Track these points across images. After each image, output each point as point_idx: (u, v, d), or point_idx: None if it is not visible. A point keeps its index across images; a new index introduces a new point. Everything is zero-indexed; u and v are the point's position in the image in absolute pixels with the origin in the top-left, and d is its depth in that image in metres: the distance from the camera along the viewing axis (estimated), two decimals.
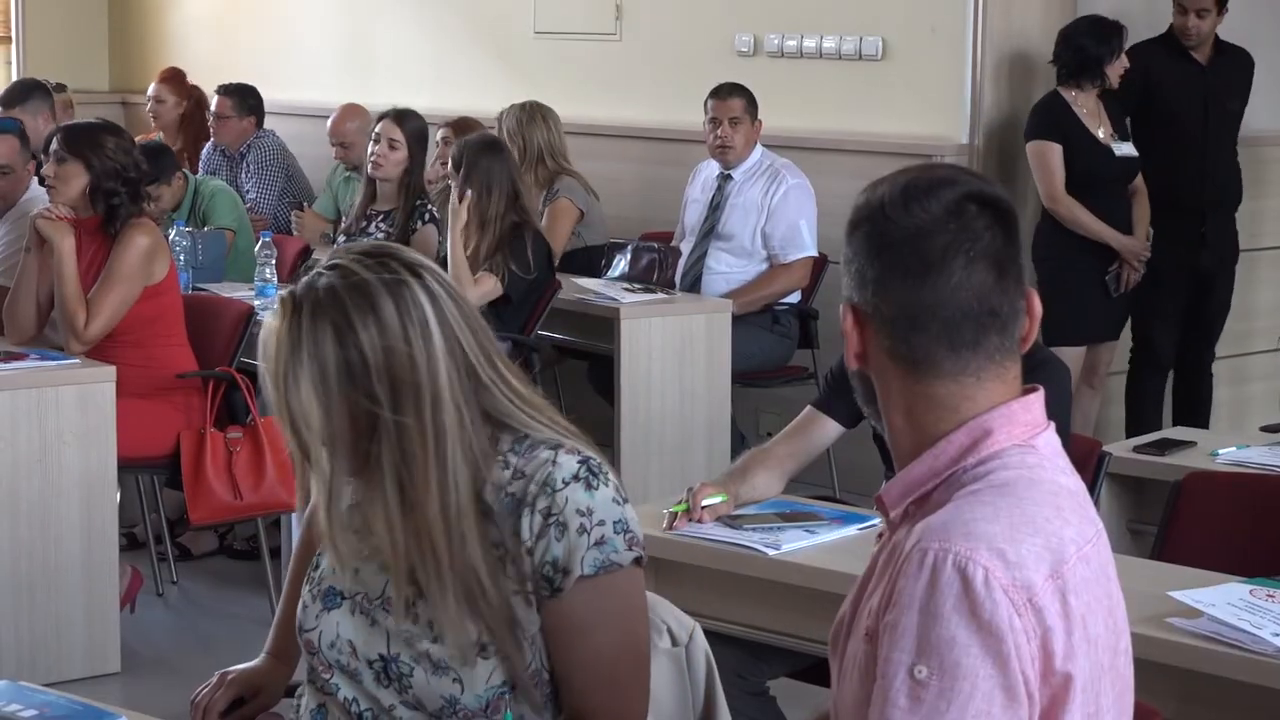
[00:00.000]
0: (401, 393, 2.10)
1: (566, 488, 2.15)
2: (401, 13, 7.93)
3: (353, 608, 2.22)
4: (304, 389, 2.07)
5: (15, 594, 4.46)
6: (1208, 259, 6.05)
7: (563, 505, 2.14)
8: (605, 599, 2.17)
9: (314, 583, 2.26)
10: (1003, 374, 1.84)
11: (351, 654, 2.20)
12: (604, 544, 2.15)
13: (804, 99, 6.47)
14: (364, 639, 2.20)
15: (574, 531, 2.14)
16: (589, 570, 2.14)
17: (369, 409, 2.09)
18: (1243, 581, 2.87)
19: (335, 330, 2.07)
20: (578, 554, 2.14)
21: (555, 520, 2.14)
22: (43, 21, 8.99)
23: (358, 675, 2.20)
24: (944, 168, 1.90)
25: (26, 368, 4.60)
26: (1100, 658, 1.76)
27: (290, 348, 2.08)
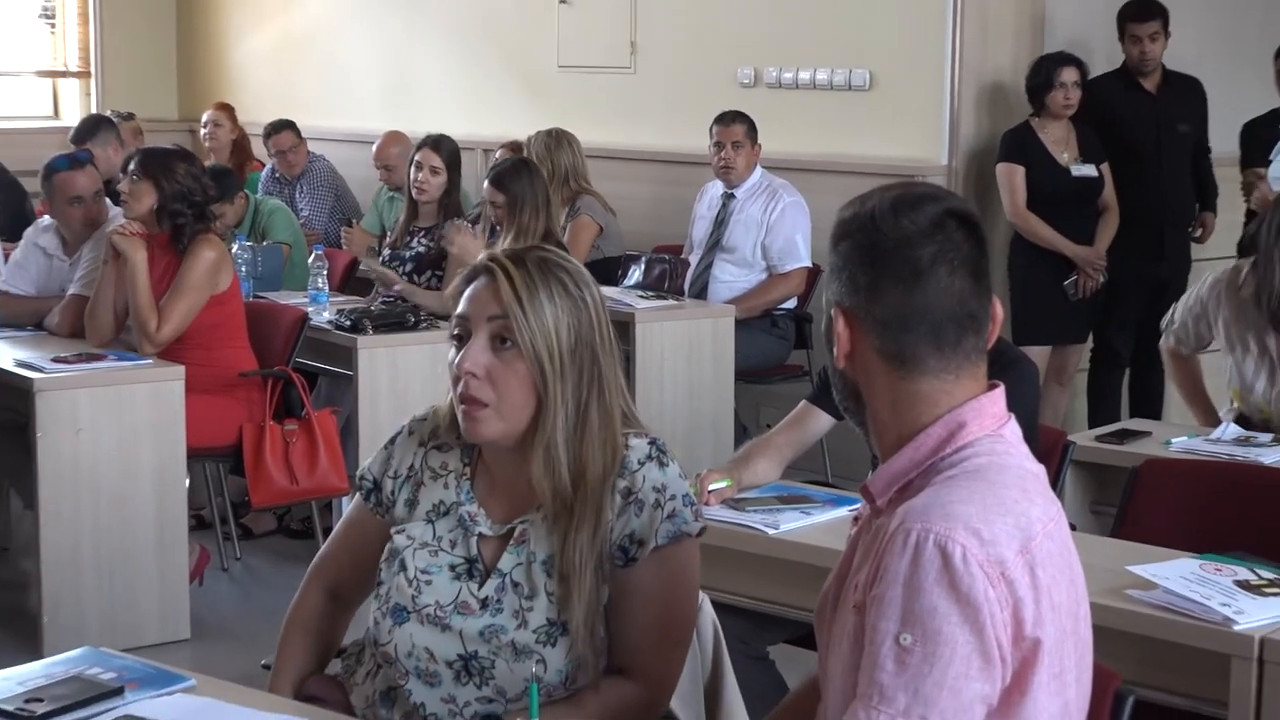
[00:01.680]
0: (603, 348, 2.17)
1: (642, 468, 2.17)
2: (439, 48, 7.94)
3: (420, 619, 2.20)
4: (548, 313, 2.12)
5: (96, 570, 4.48)
6: (1163, 270, 6.06)
7: (640, 484, 2.16)
8: (669, 567, 2.18)
9: (382, 599, 2.24)
10: (976, 371, 1.84)
11: (430, 659, 2.19)
12: (675, 516, 2.17)
13: (799, 125, 6.47)
14: (439, 644, 2.19)
15: (650, 506, 2.15)
16: (662, 540, 2.16)
17: (590, 343, 2.16)
18: (1193, 557, 2.87)
19: (567, 281, 2.16)
20: (653, 527, 2.15)
21: (634, 498, 2.16)
22: (118, 58, 9.01)
23: (436, 677, 2.19)
24: (924, 186, 1.91)
25: (105, 367, 4.61)
26: (1064, 624, 1.77)
27: (529, 285, 2.13)
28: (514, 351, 2.13)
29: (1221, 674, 2.58)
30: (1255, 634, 2.57)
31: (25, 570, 4.91)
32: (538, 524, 2.19)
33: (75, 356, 4.66)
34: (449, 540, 2.23)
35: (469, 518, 2.23)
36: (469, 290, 2.18)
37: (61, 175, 5.22)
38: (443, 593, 2.20)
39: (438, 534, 2.24)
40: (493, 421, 2.14)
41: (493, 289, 2.14)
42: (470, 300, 2.17)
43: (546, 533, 2.18)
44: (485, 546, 2.22)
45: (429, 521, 2.25)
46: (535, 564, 2.18)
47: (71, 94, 9.05)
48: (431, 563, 2.22)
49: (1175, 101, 6.08)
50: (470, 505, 2.23)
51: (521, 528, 2.20)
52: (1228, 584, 2.71)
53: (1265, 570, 2.79)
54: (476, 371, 2.12)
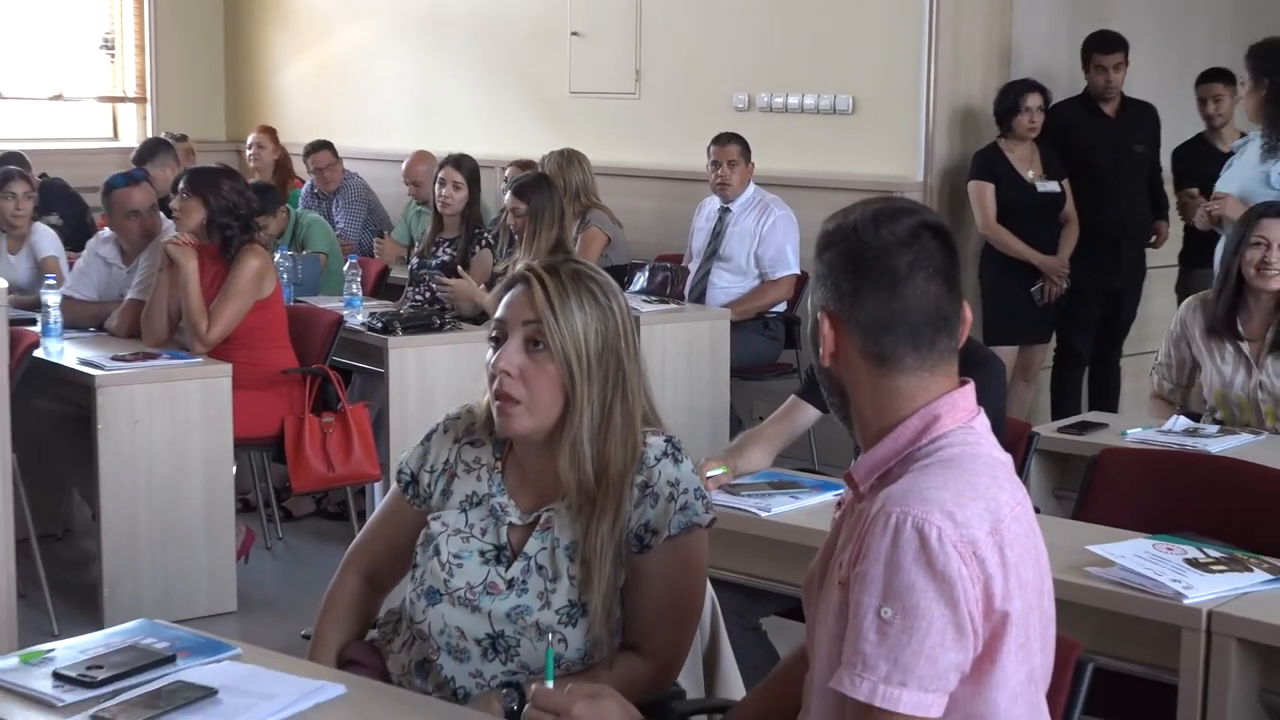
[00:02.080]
0: (628, 354, 2.17)
1: (659, 463, 2.17)
2: (461, 75, 7.95)
3: (452, 601, 2.20)
4: (578, 320, 2.12)
5: (150, 548, 4.49)
6: (1120, 279, 6.06)
7: (656, 478, 2.16)
8: (680, 554, 2.18)
9: (417, 581, 2.24)
10: (948, 369, 1.84)
11: (460, 637, 2.19)
12: (688, 508, 2.17)
13: (789, 145, 6.47)
14: (469, 624, 2.19)
15: (664, 499, 2.15)
16: (674, 530, 2.15)
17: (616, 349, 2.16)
18: (1147, 537, 2.87)
19: (596, 291, 2.16)
20: (667, 518, 2.15)
21: (651, 491, 2.15)
22: (172, 84, 9.02)
23: (466, 654, 2.19)
24: (902, 200, 1.91)
25: (160, 365, 4.61)
26: (1030, 598, 1.77)
27: (561, 294, 2.13)
28: (545, 354, 2.13)
29: (1173, 644, 2.58)
30: (1203, 607, 2.57)
31: (87, 549, 4.92)
32: (562, 513, 2.19)
33: (133, 355, 4.67)
34: (480, 528, 2.23)
35: (500, 508, 2.22)
36: (507, 296, 2.19)
37: (120, 191, 5.24)
38: (473, 575, 2.20)
39: (470, 522, 2.24)
40: (524, 417, 2.14)
41: (528, 296, 2.15)
42: (508, 305, 2.17)
43: (570, 521, 2.18)
44: (513, 533, 2.22)
45: (462, 510, 2.25)
46: (559, 549, 2.18)
47: (129, 118, 9.06)
48: (463, 548, 2.22)
49: (1132, 125, 6.08)
50: (501, 496, 2.23)
51: (547, 515, 2.20)
52: (1178, 562, 2.71)
53: (1212, 549, 2.79)
54: (510, 371, 2.13)
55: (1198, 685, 2.56)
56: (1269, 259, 3.80)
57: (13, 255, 5.80)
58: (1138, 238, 6.11)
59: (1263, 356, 3.86)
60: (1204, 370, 3.98)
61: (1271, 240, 3.81)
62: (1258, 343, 3.88)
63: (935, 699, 1.70)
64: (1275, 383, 3.85)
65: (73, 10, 8.81)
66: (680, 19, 6.92)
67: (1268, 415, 3.88)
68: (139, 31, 8.97)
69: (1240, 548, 2.83)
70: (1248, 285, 3.86)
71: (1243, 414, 3.92)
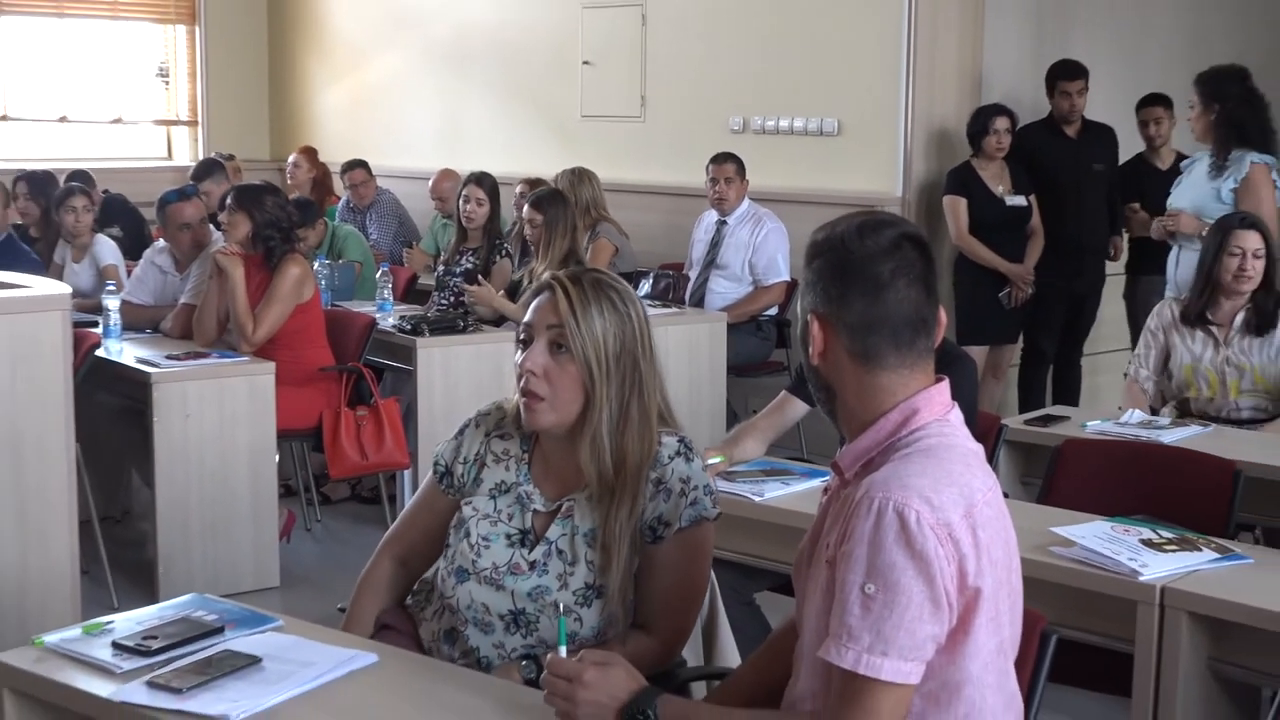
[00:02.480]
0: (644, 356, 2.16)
1: (672, 462, 2.17)
2: (483, 101, 7.94)
3: (479, 580, 2.20)
4: (598, 325, 2.12)
5: (201, 530, 4.49)
6: (1081, 285, 6.06)
7: (669, 475, 2.16)
8: (689, 545, 2.17)
9: (448, 559, 2.25)
10: (926, 367, 1.84)
11: (485, 612, 2.19)
12: (697, 504, 2.17)
13: (780, 164, 6.46)
14: (494, 601, 2.19)
15: (676, 495, 2.15)
16: (685, 524, 2.15)
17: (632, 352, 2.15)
18: (1106, 520, 2.87)
19: (615, 299, 2.15)
20: (678, 511, 2.15)
21: (664, 487, 2.15)
22: (220, 108, 9.02)
23: (490, 627, 2.19)
24: (883, 213, 1.90)
25: (210, 363, 4.61)
26: (1000, 575, 1.76)
27: (583, 301, 2.12)
28: (567, 355, 2.13)
29: (1129, 617, 2.58)
30: (1157, 583, 2.57)
31: (143, 531, 4.92)
32: (582, 503, 2.19)
33: (185, 354, 4.67)
34: (507, 514, 2.23)
35: (525, 495, 2.23)
36: (534, 302, 2.19)
37: (173, 206, 5.26)
38: (499, 556, 2.20)
39: (498, 508, 2.24)
40: (547, 413, 2.14)
41: (552, 303, 2.15)
42: (534, 310, 2.18)
43: (590, 510, 2.18)
44: (537, 519, 2.22)
45: (491, 497, 2.25)
46: (578, 536, 2.18)
47: (182, 139, 9.07)
48: (491, 531, 2.22)
49: (1092, 145, 6.07)
50: (527, 485, 2.23)
51: (568, 504, 2.20)
52: (1134, 542, 2.71)
53: (1165, 531, 2.79)
54: (536, 370, 2.13)
55: (1152, 655, 2.56)
56: (1244, 266, 3.96)
57: (76, 264, 5.81)
58: (1097, 248, 6.11)
59: (1230, 336, 4.01)
60: (1175, 353, 4.08)
61: (1246, 249, 3.97)
62: (1225, 327, 4.03)
63: (913, 667, 1.70)
64: (1239, 357, 4.00)
65: (131, 42, 8.82)
66: (681, 50, 6.92)
67: (1232, 387, 4.01)
68: (191, 61, 8.97)
69: (1190, 529, 2.83)
70: (1223, 286, 4.00)
71: (1210, 386, 4.02)
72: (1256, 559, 2.70)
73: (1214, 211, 4.75)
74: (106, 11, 8.68)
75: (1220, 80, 4.93)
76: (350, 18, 8.70)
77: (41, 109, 8.49)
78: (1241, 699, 2.64)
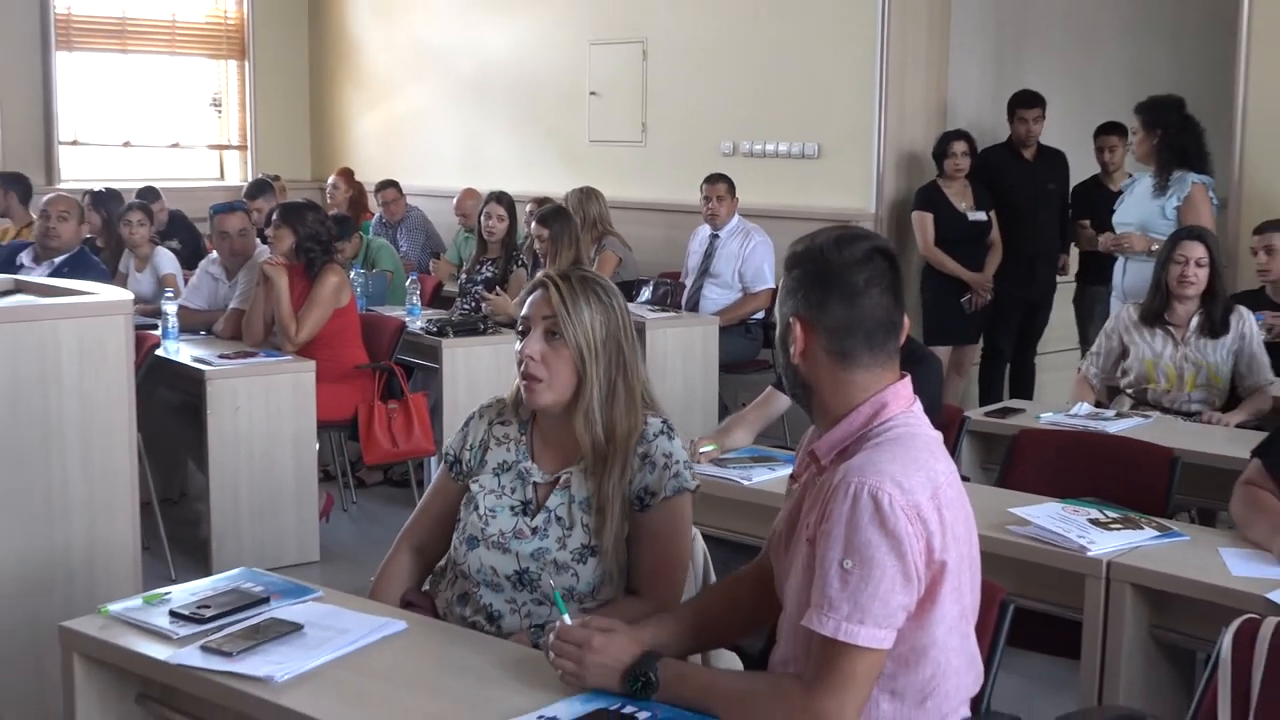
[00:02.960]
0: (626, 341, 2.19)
1: (656, 439, 2.19)
2: (501, 127, 7.94)
3: (487, 545, 2.22)
4: (586, 315, 2.15)
5: (250, 510, 4.49)
6: (1035, 292, 6.05)
7: (654, 451, 2.18)
8: (673, 513, 2.19)
9: (460, 531, 2.27)
10: (893, 365, 1.84)
11: (494, 574, 2.21)
12: (679, 476, 2.19)
13: (766, 183, 6.46)
14: (501, 563, 2.21)
15: (660, 468, 2.17)
16: (669, 493, 2.17)
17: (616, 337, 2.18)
18: (1058, 502, 2.87)
19: (600, 292, 2.18)
20: (662, 482, 2.17)
21: (649, 461, 2.17)
22: (267, 133, 9.02)
23: (499, 586, 2.21)
24: (857, 228, 1.90)
25: (257, 362, 4.61)
26: (962, 550, 1.76)
27: (572, 295, 2.16)
28: (561, 342, 2.16)
29: (1078, 588, 2.58)
30: (1103, 558, 2.57)
31: (198, 511, 4.93)
32: (577, 475, 2.20)
33: (235, 354, 4.67)
34: (510, 487, 2.25)
35: (525, 470, 2.25)
36: (530, 298, 2.22)
37: (218, 217, 5.32)
38: (504, 524, 2.22)
39: (502, 484, 2.26)
40: (546, 393, 2.17)
41: (546, 297, 2.18)
42: (530, 305, 2.21)
43: (584, 480, 2.20)
44: (538, 490, 2.24)
45: (495, 475, 2.27)
46: (575, 504, 2.19)
47: (233, 162, 9.07)
48: (497, 504, 2.24)
49: (1046, 167, 6.06)
50: (526, 461, 2.25)
51: (566, 476, 2.21)
52: (1083, 521, 2.70)
53: (1110, 511, 2.79)
54: (534, 356, 2.16)
55: (1099, 622, 2.56)
56: (1186, 273, 3.99)
57: (139, 273, 5.81)
58: (1049, 259, 6.11)
59: (1188, 336, 4.02)
60: (1135, 351, 4.09)
61: (1190, 258, 4.00)
62: (1182, 328, 4.04)
63: (887, 633, 1.70)
64: (1196, 354, 4.01)
65: (188, 75, 8.81)
66: (678, 82, 6.91)
67: (1188, 381, 4.02)
68: (241, 92, 8.97)
69: (1133, 510, 2.83)
70: (1171, 290, 4.03)
71: (1168, 379, 4.04)
72: (1192, 536, 2.69)
73: (1159, 227, 4.76)
74: (165, 48, 8.68)
75: (1160, 108, 4.93)
76: (383, 53, 8.70)
77: (107, 134, 8.48)
78: (1178, 662, 2.63)
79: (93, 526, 2.96)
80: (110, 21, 8.40)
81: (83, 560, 2.95)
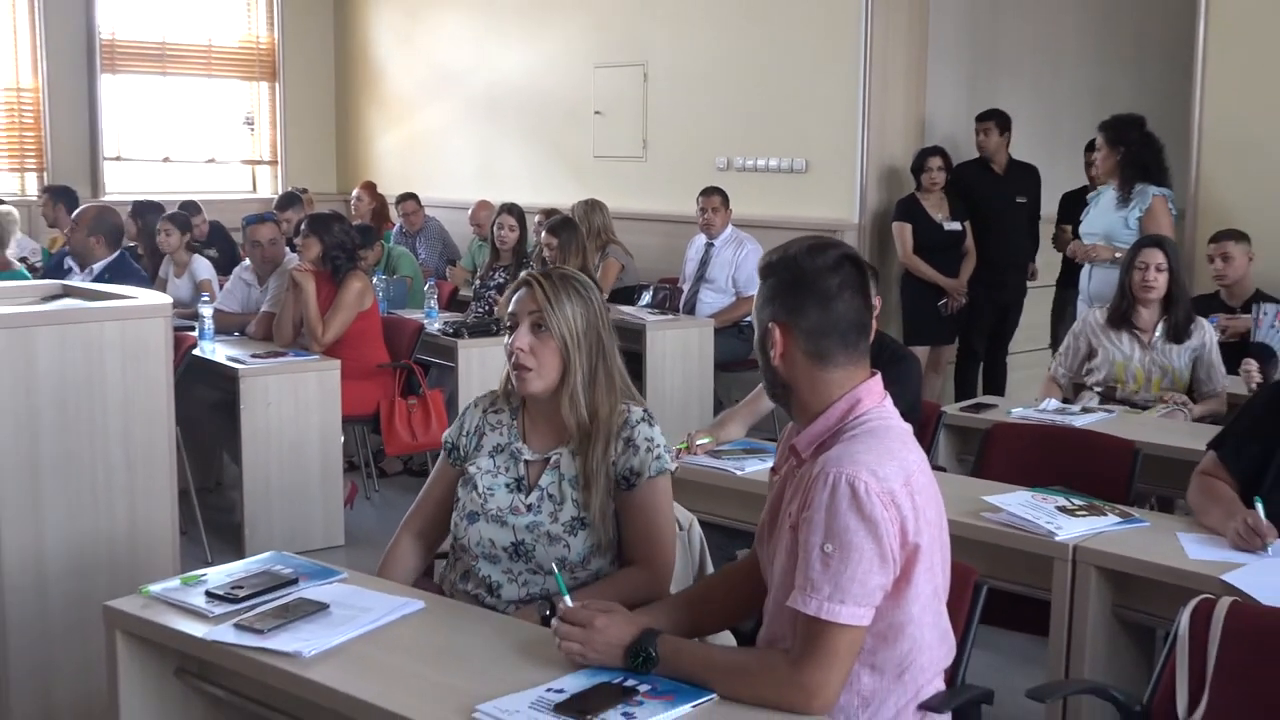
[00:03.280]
0: (604, 330, 2.22)
1: (639, 425, 2.21)
2: (512, 143, 7.94)
3: (486, 519, 2.24)
4: (568, 308, 2.19)
5: (281, 498, 4.49)
6: (1006, 296, 6.06)
7: (637, 436, 2.20)
8: (656, 491, 2.22)
9: (460, 509, 2.28)
10: (865, 363, 1.84)
11: (492, 546, 2.23)
12: (660, 459, 2.22)
13: (758, 195, 6.46)
14: (499, 536, 2.22)
15: (644, 451, 2.19)
16: (652, 473, 2.19)
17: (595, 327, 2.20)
18: (1028, 490, 2.86)
19: (578, 287, 2.21)
20: (646, 464, 2.19)
21: (633, 444, 2.19)
22: (296, 149, 9.03)
23: (497, 558, 2.23)
24: (825, 238, 1.90)
25: (287, 361, 4.61)
26: (934, 533, 1.77)
27: (554, 291, 2.19)
28: (547, 334, 2.20)
29: (1047, 570, 2.58)
30: (1070, 543, 2.56)
31: (232, 499, 4.92)
32: (566, 456, 2.23)
33: (266, 354, 4.67)
34: (504, 467, 2.27)
35: (517, 451, 2.27)
36: (516, 295, 2.25)
37: (251, 227, 5.34)
38: (501, 501, 2.24)
39: (497, 464, 2.28)
40: (535, 380, 2.21)
41: (531, 294, 2.22)
42: (516, 301, 2.24)
43: (572, 460, 2.22)
44: (530, 470, 2.26)
45: (491, 456, 2.29)
46: (564, 481, 2.22)
47: (264, 176, 9.07)
48: (493, 482, 2.26)
49: (1017, 181, 6.06)
50: (518, 443, 2.28)
51: (555, 456, 2.24)
52: (1051, 509, 2.70)
53: (1076, 499, 2.78)
54: (523, 348, 2.20)
55: (1065, 601, 2.55)
56: (1147, 278, 3.99)
57: (178, 279, 5.81)
58: (1019, 266, 6.11)
59: (1154, 340, 4.01)
60: (1104, 353, 4.07)
61: (1150, 263, 3.99)
62: (1148, 333, 4.03)
63: (865, 611, 1.70)
64: (1163, 359, 4.00)
65: (222, 96, 8.82)
66: (676, 102, 6.91)
67: (1155, 383, 4.01)
68: (272, 111, 8.97)
69: (1098, 498, 2.83)
70: (1134, 295, 4.02)
71: (1136, 381, 4.02)
72: (1152, 523, 2.69)
73: (1123, 237, 4.76)
74: (202, 70, 8.69)
75: (1122, 126, 4.92)
76: (403, 75, 8.70)
77: (148, 151, 8.48)
78: (1139, 638, 2.63)
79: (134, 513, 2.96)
80: (151, 46, 8.41)
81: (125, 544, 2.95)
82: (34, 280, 4.74)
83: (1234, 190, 5.12)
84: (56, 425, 2.83)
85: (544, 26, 7.62)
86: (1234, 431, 2.73)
